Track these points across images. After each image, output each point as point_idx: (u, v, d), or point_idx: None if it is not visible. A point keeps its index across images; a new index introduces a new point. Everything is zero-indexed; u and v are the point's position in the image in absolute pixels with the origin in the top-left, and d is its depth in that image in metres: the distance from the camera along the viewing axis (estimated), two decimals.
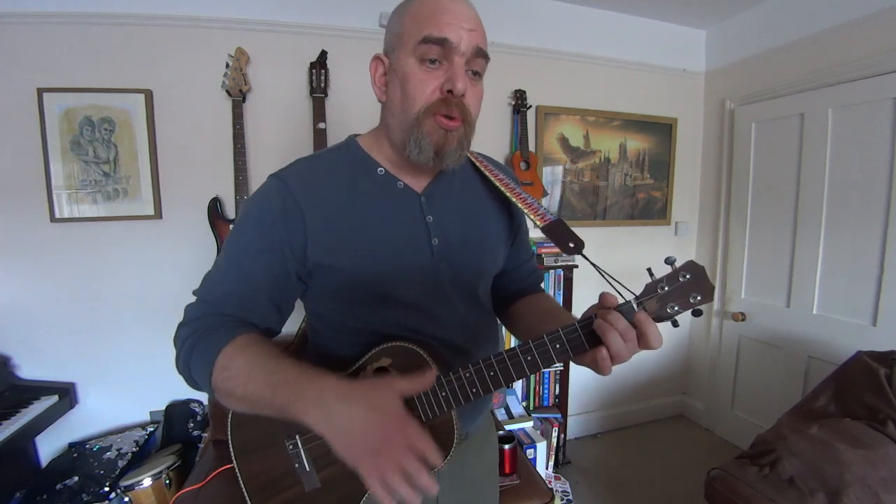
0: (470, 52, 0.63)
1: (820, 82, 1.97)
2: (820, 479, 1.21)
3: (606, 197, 2.46)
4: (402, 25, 0.64)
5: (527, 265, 0.91)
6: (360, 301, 0.69)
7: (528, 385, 2.20)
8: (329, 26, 1.86)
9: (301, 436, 0.68)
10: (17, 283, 1.68)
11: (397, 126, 0.67)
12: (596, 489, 2.10)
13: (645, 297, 0.56)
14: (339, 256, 0.66)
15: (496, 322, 0.88)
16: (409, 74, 0.63)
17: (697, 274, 0.54)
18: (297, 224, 0.65)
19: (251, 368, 0.59)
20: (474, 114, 0.67)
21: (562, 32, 2.24)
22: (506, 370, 0.60)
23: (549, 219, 0.72)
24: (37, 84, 1.62)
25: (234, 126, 1.73)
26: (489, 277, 0.82)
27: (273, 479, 0.70)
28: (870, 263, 1.83)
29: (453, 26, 0.61)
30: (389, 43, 0.67)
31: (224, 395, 0.61)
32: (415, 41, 0.61)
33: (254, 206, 0.68)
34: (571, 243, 0.69)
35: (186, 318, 0.67)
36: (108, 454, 1.63)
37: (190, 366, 0.63)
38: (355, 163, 0.71)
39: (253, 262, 0.66)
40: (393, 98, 0.66)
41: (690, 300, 0.54)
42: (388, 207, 0.70)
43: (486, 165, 0.81)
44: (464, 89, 0.62)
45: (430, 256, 0.71)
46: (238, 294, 0.66)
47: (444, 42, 0.60)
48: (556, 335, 0.58)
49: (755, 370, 2.35)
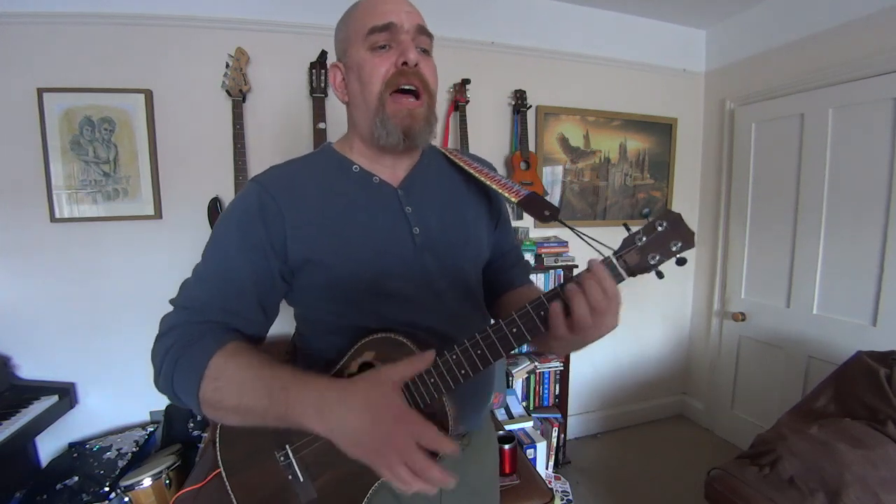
0: (413, 30, 0.67)
1: (820, 82, 1.97)
2: (820, 479, 1.21)
3: (606, 197, 2.46)
4: (348, 27, 0.70)
5: (512, 254, 0.92)
6: (347, 297, 0.69)
7: (528, 385, 2.20)
8: (329, 26, 1.82)
9: (291, 446, 0.66)
10: (17, 283, 1.68)
11: (362, 116, 0.70)
12: (596, 489, 2.10)
13: (623, 250, 0.55)
14: (320, 253, 0.67)
15: (488, 318, 0.87)
16: (363, 62, 0.67)
17: (674, 221, 0.53)
18: (277, 223, 0.66)
19: (244, 378, 0.58)
20: (433, 84, 0.71)
21: (562, 32, 2.24)
22: (492, 346, 0.59)
23: (522, 193, 0.74)
24: (37, 84, 1.62)
25: (234, 126, 1.73)
26: (477, 264, 0.82)
27: (267, 496, 0.68)
28: (870, 263, 1.83)
29: (393, 12, 0.66)
30: (341, 48, 0.72)
31: (213, 407, 0.59)
32: (362, 35, 0.67)
33: (234, 208, 0.69)
34: (547, 211, 0.71)
35: (164, 329, 0.65)
36: (108, 454, 1.63)
37: (174, 380, 0.60)
38: (331, 164, 0.74)
39: (235, 263, 0.65)
40: (353, 91, 0.70)
41: (672, 248, 0.53)
42: (366, 202, 0.71)
43: (459, 156, 0.83)
44: (416, 59, 0.66)
45: (412, 247, 0.71)
46: (221, 298, 0.65)
47: (388, 27, 0.66)
48: (538, 302, 0.57)
49: (755, 370, 2.35)
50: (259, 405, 0.57)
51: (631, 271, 0.55)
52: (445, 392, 0.61)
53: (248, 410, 0.58)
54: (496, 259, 0.88)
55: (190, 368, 0.59)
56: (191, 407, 0.61)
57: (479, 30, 2.11)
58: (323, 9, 1.86)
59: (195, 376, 0.59)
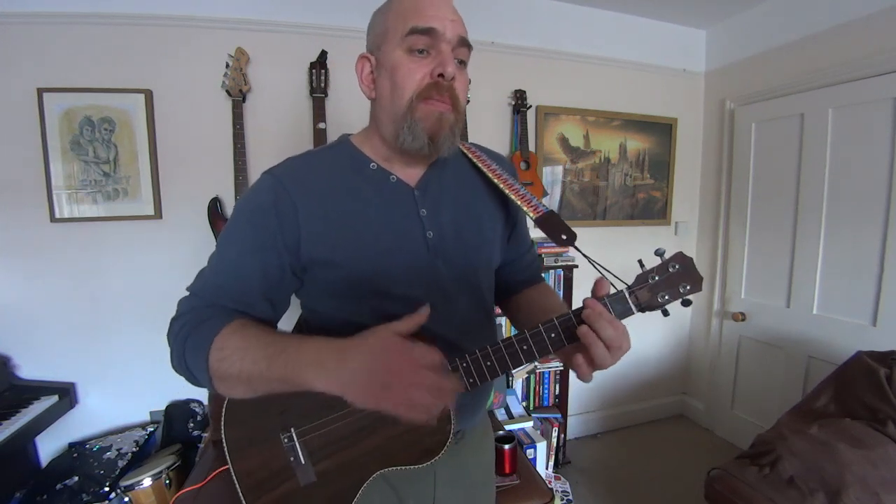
0: (455, 41, 0.65)
1: (820, 82, 1.97)
2: (820, 479, 1.21)
3: (606, 197, 2.46)
4: (387, 21, 0.66)
5: (526, 256, 0.91)
6: (357, 296, 0.69)
7: (528, 385, 2.20)
8: (329, 26, 1.86)
9: (296, 429, 0.68)
10: (17, 283, 1.68)
11: (388, 118, 0.68)
12: (596, 489, 2.10)
13: (636, 286, 0.58)
14: (333, 251, 0.67)
15: (495, 325, 0.88)
16: (399, 64, 0.64)
17: (686, 265, 0.56)
18: (291, 219, 0.65)
19: (247, 345, 0.59)
20: (462, 101, 0.69)
21: (562, 32, 2.24)
22: (502, 359, 0.61)
23: (541, 210, 0.74)
24: (37, 84, 1.62)
25: (234, 126, 1.73)
26: (488, 270, 0.82)
27: (268, 476, 0.69)
28: (870, 263, 1.83)
29: (437, 17, 0.63)
30: (374, 41, 0.69)
31: (221, 377, 0.60)
32: (401, 34, 0.64)
33: (247, 202, 0.69)
34: (564, 235, 0.71)
35: (179, 312, 0.67)
36: (108, 454, 1.63)
37: (185, 356, 0.62)
38: (348, 159, 0.72)
39: (247, 257, 0.66)
40: (382, 91, 0.68)
41: (680, 290, 0.57)
42: (382, 202, 0.70)
43: (480, 157, 0.81)
44: (454, 73, 0.64)
45: (425, 251, 0.71)
46: (232, 289, 0.66)
47: (430, 31, 0.63)
48: (551, 324, 0.59)
49: (755, 370, 2.35)
50: (259, 369, 0.58)
51: (641, 308, 0.59)
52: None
53: (250, 376, 0.58)
54: (511, 261, 0.88)
55: (199, 345, 0.61)
56: (204, 383, 0.62)
57: (479, 30, 2.10)
58: (323, 9, 1.87)
59: (203, 351, 0.60)
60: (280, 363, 0.57)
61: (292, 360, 0.57)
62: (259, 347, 0.59)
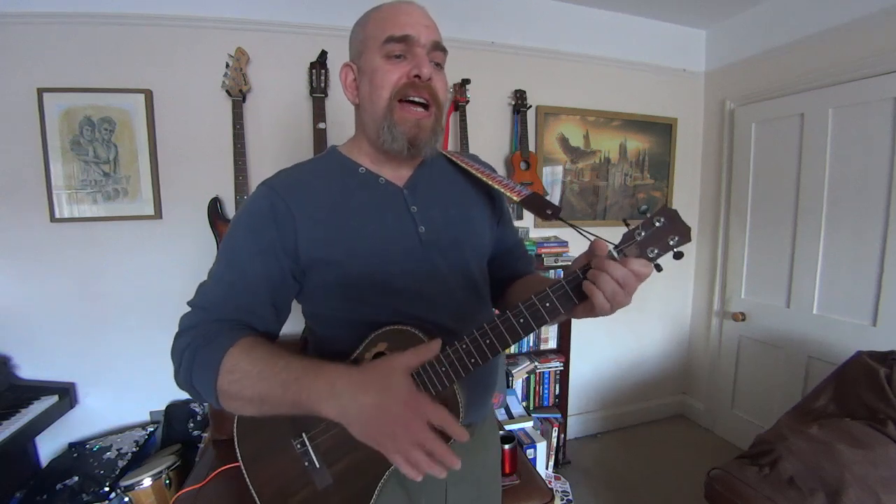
0: (429, 45, 0.70)
1: (820, 82, 1.97)
2: (820, 479, 1.21)
3: (606, 197, 2.46)
4: (366, 31, 0.71)
5: (517, 249, 0.94)
6: (358, 295, 0.71)
7: (529, 385, 2.20)
8: (329, 26, 1.86)
9: (307, 433, 0.68)
10: (17, 283, 1.68)
11: (370, 119, 0.72)
12: (596, 489, 2.10)
13: (624, 244, 0.57)
14: (331, 251, 0.69)
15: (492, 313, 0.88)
16: (377, 68, 0.69)
17: (671, 217, 0.56)
18: (288, 224, 0.68)
19: (260, 368, 0.60)
20: (442, 97, 0.73)
21: (562, 32, 2.24)
22: (500, 335, 0.61)
23: (524, 193, 0.76)
24: (37, 84, 1.62)
25: (234, 126, 1.73)
26: (481, 260, 0.84)
27: (285, 483, 0.70)
28: (870, 263, 1.83)
29: (411, 24, 0.68)
30: (355, 50, 0.74)
31: (231, 398, 0.61)
32: (379, 42, 0.68)
33: (245, 212, 0.71)
34: (549, 210, 0.74)
35: (183, 328, 0.67)
36: (108, 454, 1.63)
37: (192, 375, 0.63)
38: (337, 165, 0.76)
39: (249, 264, 0.68)
40: (364, 93, 0.72)
41: (669, 242, 0.56)
42: (373, 202, 0.73)
43: (460, 158, 0.85)
44: (429, 74, 0.69)
45: (419, 245, 0.74)
46: (236, 297, 0.67)
47: (405, 38, 0.68)
48: (544, 294, 0.59)
49: (755, 370, 2.35)
50: (274, 394, 0.59)
51: None
52: (456, 380, 0.64)
53: (263, 400, 0.60)
54: (502, 254, 0.91)
55: (207, 365, 0.62)
56: (209, 400, 0.63)
57: (479, 30, 2.11)
58: (323, 9, 1.87)
59: (212, 372, 0.61)
60: (294, 390, 0.58)
61: (306, 388, 0.58)
62: (273, 373, 0.60)
